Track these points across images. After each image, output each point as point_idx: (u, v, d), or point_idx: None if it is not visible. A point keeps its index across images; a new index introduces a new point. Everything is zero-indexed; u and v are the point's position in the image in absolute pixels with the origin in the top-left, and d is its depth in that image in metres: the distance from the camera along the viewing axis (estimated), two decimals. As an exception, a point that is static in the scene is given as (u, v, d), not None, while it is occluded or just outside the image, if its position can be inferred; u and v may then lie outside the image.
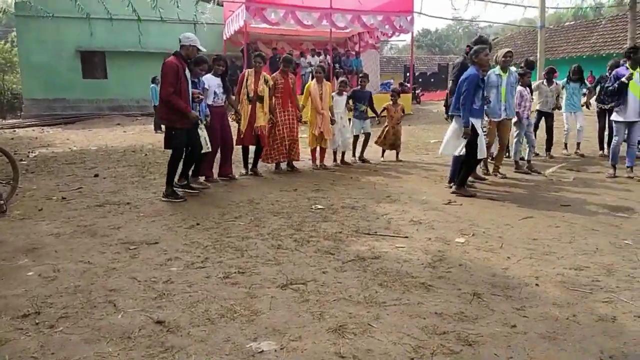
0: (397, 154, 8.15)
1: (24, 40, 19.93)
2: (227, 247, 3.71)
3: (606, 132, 8.00)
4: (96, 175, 6.88)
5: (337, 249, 3.65)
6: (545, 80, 7.95)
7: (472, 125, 5.21)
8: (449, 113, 5.54)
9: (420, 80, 26.41)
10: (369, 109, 7.86)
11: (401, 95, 17.31)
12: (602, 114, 8.01)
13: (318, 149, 7.38)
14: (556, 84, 7.96)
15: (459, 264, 3.34)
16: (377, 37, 18.61)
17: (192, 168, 5.70)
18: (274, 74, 6.90)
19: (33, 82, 19.96)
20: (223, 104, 6.18)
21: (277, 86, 6.70)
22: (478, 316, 2.56)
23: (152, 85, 14.29)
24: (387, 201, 5.30)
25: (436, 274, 3.16)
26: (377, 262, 3.36)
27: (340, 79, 8.42)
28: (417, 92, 20.33)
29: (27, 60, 19.87)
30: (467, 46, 5.80)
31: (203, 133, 5.51)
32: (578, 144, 8.21)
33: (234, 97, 6.62)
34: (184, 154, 5.35)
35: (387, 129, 7.99)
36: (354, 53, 18.53)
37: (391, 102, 8.05)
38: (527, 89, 7.04)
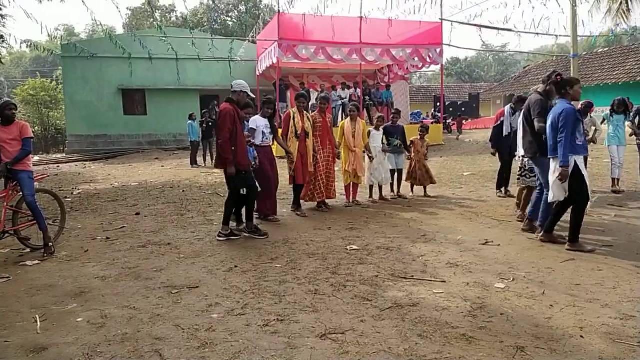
0: (425, 188, 8.13)
1: (68, 79, 21.13)
2: (265, 291, 3.78)
3: None
4: (137, 214, 7.14)
5: (374, 295, 3.66)
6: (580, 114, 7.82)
7: (576, 164, 4.72)
8: (550, 155, 4.92)
9: (450, 109, 26.35)
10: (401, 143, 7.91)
11: (434, 124, 17.38)
12: None
13: (352, 185, 7.47)
14: (591, 117, 7.82)
15: (500, 312, 3.29)
16: (407, 68, 18.81)
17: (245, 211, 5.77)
18: (313, 113, 7.08)
19: (76, 119, 21.05)
20: (270, 143, 6.38)
21: (315, 125, 6.89)
22: (522, 372, 2.51)
23: (189, 121, 14.82)
24: (423, 241, 5.28)
25: (477, 324, 3.12)
26: (416, 310, 3.35)
27: (378, 114, 8.68)
28: (448, 122, 20.28)
29: (71, 98, 21.02)
30: (545, 82, 5.36)
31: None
32: (618, 180, 7.97)
33: (280, 138, 6.73)
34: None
35: (413, 163, 8.04)
36: (383, 85, 18.76)
37: (418, 137, 8.11)
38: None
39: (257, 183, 5.71)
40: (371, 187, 7.76)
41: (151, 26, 35.36)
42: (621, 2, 15.26)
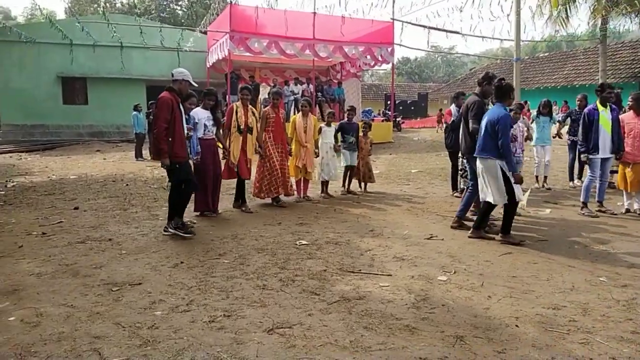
0: (365, 185, 8.25)
1: (4, 65, 19.78)
2: (212, 287, 3.71)
3: (576, 164, 8.31)
4: (76, 208, 6.81)
5: (322, 289, 3.69)
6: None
7: (502, 167, 4.92)
8: (477, 154, 5.13)
9: (400, 107, 26.94)
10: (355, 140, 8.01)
11: (384, 122, 17.72)
12: (573, 146, 8.32)
13: (302, 180, 7.47)
14: (523, 118, 8.23)
15: (442, 304, 3.41)
16: (359, 66, 19.03)
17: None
18: (266, 108, 7.03)
19: (11, 107, 19.76)
20: (214, 136, 6.20)
21: (268, 120, 6.82)
22: (461, 361, 2.61)
23: (134, 112, 14.29)
24: (370, 236, 5.38)
25: (420, 315, 3.22)
26: (362, 303, 3.41)
27: (328, 110, 8.71)
28: (397, 120, 20.73)
29: (6, 86, 19.70)
30: (480, 83, 5.58)
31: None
32: (545, 177, 8.47)
33: (221, 132, 6.56)
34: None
35: (357, 160, 8.11)
36: (336, 82, 18.88)
37: (362, 134, 8.20)
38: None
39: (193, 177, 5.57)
40: (323, 182, 7.81)
41: (95, 12, 33.74)
42: (560, 10, 16.16)
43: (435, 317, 3.19)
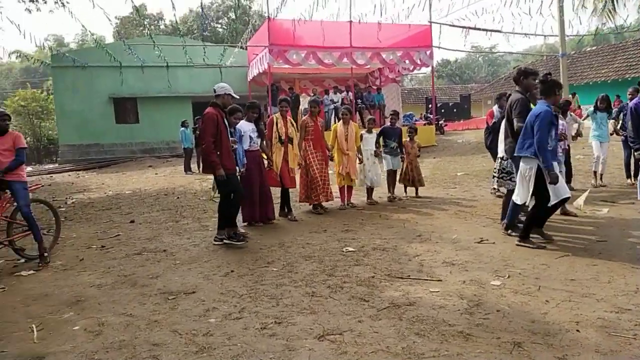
0: (417, 189, 8.15)
1: (59, 89, 21.04)
2: (262, 295, 3.78)
3: (632, 160, 7.87)
4: (132, 222, 7.11)
5: (371, 295, 3.67)
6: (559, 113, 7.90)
7: (539, 168, 4.67)
8: (516, 153, 4.93)
9: (442, 110, 26.49)
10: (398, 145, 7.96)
11: (426, 126, 17.48)
12: (628, 142, 7.89)
13: (346, 187, 7.48)
14: (571, 115, 7.90)
15: (497, 309, 3.31)
16: (398, 71, 18.90)
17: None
18: (304, 117, 7.13)
19: (68, 129, 20.94)
20: (259, 148, 6.32)
21: (307, 129, 6.92)
22: (519, 367, 2.53)
23: (182, 128, 14.80)
24: (418, 241, 5.30)
25: (474, 321, 3.14)
26: (413, 309, 3.36)
27: (369, 117, 8.66)
28: (440, 123, 20.39)
29: (62, 108, 20.93)
30: (517, 80, 5.28)
31: None
32: (601, 175, 8.09)
33: (265, 143, 6.66)
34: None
35: (405, 165, 8.04)
36: (375, 88, 18.84)
37: (408, 139, 8.17)
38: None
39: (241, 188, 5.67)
40: (367, 189, 7.76)
41: (141, 34, 35.33)
42: (606, 2, 15.43)
43: (490, 323, 3.10)
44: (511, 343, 2.80)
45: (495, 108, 7.39)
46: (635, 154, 6.20)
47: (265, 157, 6.54)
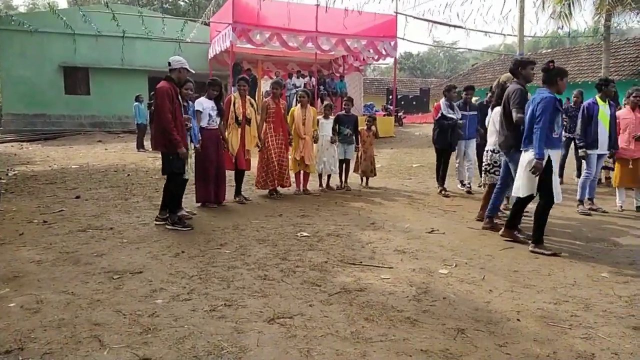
0: (367, 179, 8.12)
1: (6, 54, 19.67)
2: (213, 277, 3.71)
3: (570, 161, 8.26)
4: (78, 197, 6.80)
5: (323, 280, 3.68)
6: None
7: (549, 159, 4.44)
8: (523, 148, 4.61)
9: (402, 102, 26.85)
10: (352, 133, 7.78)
11: (385, 117, 17.67)
12: (567, 143, 8.29)
13: (302, 173, 7.42)
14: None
15: (443, 297, 3.41)
16: (363, 59, 18.94)
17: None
18: (266, 99, 6.98)
19: (13, 97, 19.68)
20: (218, 126, 6.12)
21: (268, 111, 6.77)
22: (462, 353, 2.61)
23: (136, 103, 14.23)
24: (372, 229, 5.37)
25: (421, 307, 3.21)
26: (363, 295, 3.40)
27: (326, 102, 8.49)
28: (399, 114, 20.67)
29: (8, 75, 19.61)
30: (514, 71, 5.12)
31: (190, 160, 5.44)
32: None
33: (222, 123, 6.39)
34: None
35: (359, 153, 7.98)
36: (338, 75, 18.81)
37: (366, 127, 8.06)
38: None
39: (193, 172, 5.57)
40: (320, 175, 7.69)
41: (97, 2, 33.57)
42: (563, 6, 16.04)
43: (436, 310, 3.18)
44: (455, 329, 2.89)
45: (443, 101, 7.38)
46: (580, 152, 6.51)
47: (222, 138, 6.34)
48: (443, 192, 7.40)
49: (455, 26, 15.16)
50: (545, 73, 4.70)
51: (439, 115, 7.34)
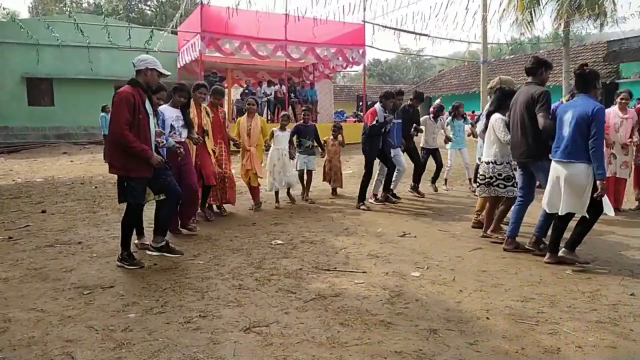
0: (335, 189, 7.86)
1: (-36, 66, 19.00)
2: (186, 288, 3.68)
3: None
4: (44, 212, 6.62)
5: (298, 287, 3.71)
6: (431, 116, 8.23)
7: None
8: (560, 158, 4.16)
9: (372, 108, 27.15)
10: (314, 144, 7.38)
11: (356, 123, 17.84)
12: None
13: (249, 187, 6.79)
14: (441, 120, 8.34)
15: (416, 299, 3.48)
16: (332, 67, 19.13)
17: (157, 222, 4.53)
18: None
19: (-27, 109, 18.99)
20: (183, 140, 5.21)
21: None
22: (435, 353, 2.68)
23: (102, 113, 14.00)
24: (345, 234, 5.43)
25: (394, 310, 3.28)
26: (338, 300, 3.45)
27: (283, 113, 7.65)
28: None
29: (-33, 87, 18.93)
30: (533, 70, 4.60)
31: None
32: (470, 179, 8.47)
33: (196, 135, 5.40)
34: (155, 204, 4.43)
35: (324, 163, 7.74)
36: (308, 83, 18.93)
37: (331, 137, 7.74)
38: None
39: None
40: (276, 192, 7.04)
41: (61, 11, 32.81)
42: (525, 13, 16.64)
43: (409, 312, 3.25)
44: (428, 330, 2.96)
45: (378, 106, 6.79)
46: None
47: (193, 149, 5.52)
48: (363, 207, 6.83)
49: (421, 34, 15.50)
50: (581, 78, 4.20)
51: (375, 121, 6.67)
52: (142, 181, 4.14)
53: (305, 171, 7.38)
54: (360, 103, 21.66)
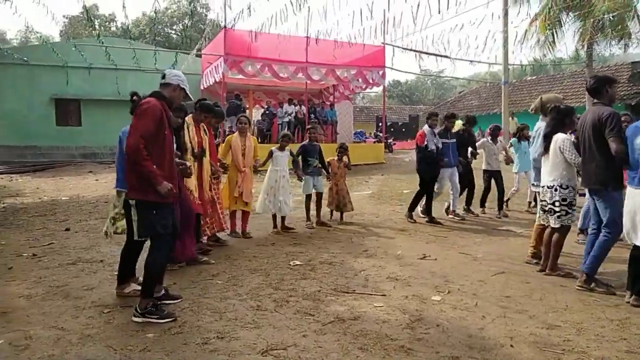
0: (342, 214, 7.41)
1: (-2, 87, 19.76)
2: (205, 308, 3.68)
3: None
4: (67, 229, 6.74)
5: (316, 310, 3.67)
6: (489, 138, 8.20)
7: None
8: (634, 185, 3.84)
9: (392, 129, 27.22)
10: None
11: (376, 143, 17.85)
12: None
13: (241, 212, 6.35)
14: (500, 141, 8.23)
15: (437, 324, 3.40)
16: (352, 89, 19.27)
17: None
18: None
19: (4, 129, 19.65)
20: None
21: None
22: (457, 381, 2.60)
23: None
24: (364, 256, 5.37)
25: (415, 335, 3.21)
26: (357, 324, 3.39)
27: (282, 132, 7.44)
28: (389, 141, 20.91)
29: (0, 107, 19.65)
30: (598, 89, 4.31)
31: None
32: (529, 202, 8.35)
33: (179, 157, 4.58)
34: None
35: (330, 186, 7.38)
36: (328, 104, 19.08)
37: (336, 158, 7.39)
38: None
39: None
40: (274, 216, 6.67)
41: (90, 35, 34.00)
42: (547, 35, 16.55)
43: (430, 338, 3.17)
44: (449, 357, 2.88)
45: (426, 128, 7.18)
46: None
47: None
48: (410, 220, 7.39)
49: (441, 56, 15.53)
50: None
51: (425, 144, 7.10)
52: (167, 207, 3.50)
53: (315, 194, 7.12)
54: (380, 124, 21.70)
